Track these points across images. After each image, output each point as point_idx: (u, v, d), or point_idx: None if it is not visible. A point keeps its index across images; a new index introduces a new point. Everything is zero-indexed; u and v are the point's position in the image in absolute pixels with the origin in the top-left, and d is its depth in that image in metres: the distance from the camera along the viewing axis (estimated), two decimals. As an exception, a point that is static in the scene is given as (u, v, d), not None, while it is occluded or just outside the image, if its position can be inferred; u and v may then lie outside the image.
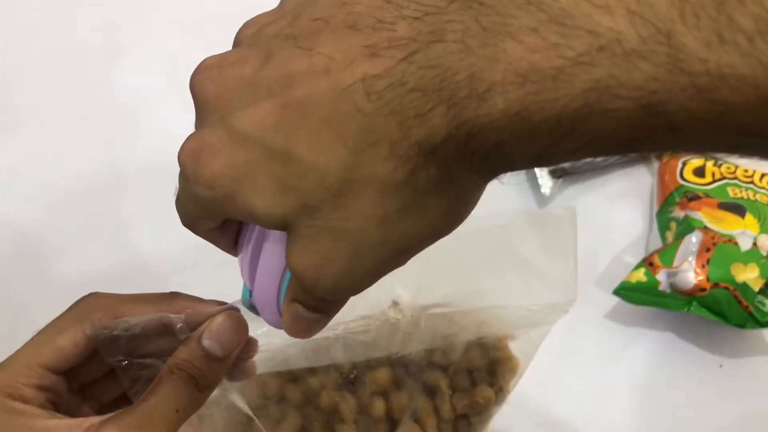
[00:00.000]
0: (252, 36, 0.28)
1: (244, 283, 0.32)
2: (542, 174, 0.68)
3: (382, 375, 0.42)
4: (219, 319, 0.35)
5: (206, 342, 0.34)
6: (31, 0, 0.86)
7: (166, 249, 0.64)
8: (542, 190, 0.67)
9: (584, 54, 0.21)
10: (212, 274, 0.62)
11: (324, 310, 0.30)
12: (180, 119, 0.71)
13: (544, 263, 0.41)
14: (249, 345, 0.37)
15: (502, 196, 0.68)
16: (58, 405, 0.35)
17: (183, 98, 0.29)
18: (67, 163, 0.72)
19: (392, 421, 0.42)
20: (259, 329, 0.37)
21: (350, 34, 0.24)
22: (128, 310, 0.35)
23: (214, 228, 0.30)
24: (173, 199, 0.29)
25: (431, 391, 0.43)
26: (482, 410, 0.44)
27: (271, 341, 0.38)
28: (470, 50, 0.23)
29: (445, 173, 0.25)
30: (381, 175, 0.24)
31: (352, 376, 0.43)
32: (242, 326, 0.35)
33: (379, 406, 0.42)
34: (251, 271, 0.31)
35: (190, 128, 0.28)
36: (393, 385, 0.42)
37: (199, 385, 0.34)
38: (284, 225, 0.26)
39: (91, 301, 0.36)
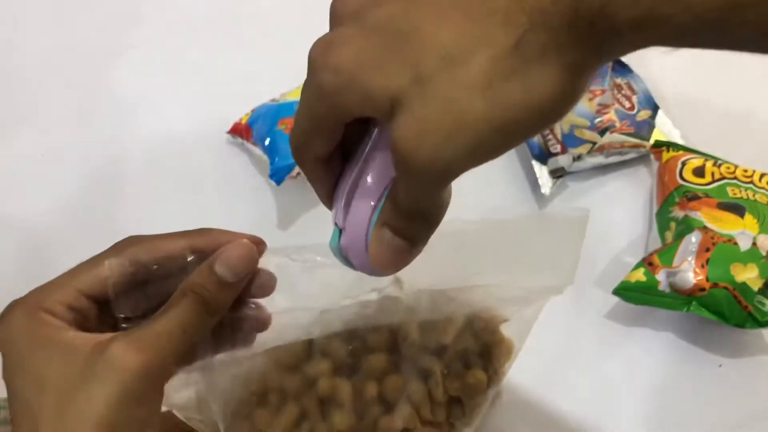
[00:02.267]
0: None
1: (335, 228, 0.34)
2: (542, 174, 0.68)
3: (378, 360, 0.42)
4: (231, 247, 0.37)
5: (218, 268, 0.36)
6: (31, 0, 0.86)
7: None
8: (542, 190, 0.67)
9: None
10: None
11: (411, 236, 0.31)
12: (179, 119, 0.71)
13: (548, 256, 0.41)
14: (259, 276, 0.38)
15: (503, 196, 0.69)
16: (87, 328, 0.36)
17: (182, 98, 0.29)
18: (67, 163, 0.72)
19: (387, 404, 0.43)
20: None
21: None
22: (163, 243, 0.37)
23: (321, 160, 0.32)
24: (177, 197, 0.29)
25: (426, 375, 0.43)
26: (475, 393, 0.44)
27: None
28: None
29: (553, 40, 0.26)
30: (492, 41, 0.26)
31: (348, 361, 0.43)
32: (252, 255, 0.37)
33: (373, 389, 0.42)
34: (345, 211, 0.33)
35: (190, 129, 0.28)
36: (388, 370, 0.43)
37: (208, 307, 0.36)
38: (396, 99, 0.27)
39: (128, 239, 0.38)
